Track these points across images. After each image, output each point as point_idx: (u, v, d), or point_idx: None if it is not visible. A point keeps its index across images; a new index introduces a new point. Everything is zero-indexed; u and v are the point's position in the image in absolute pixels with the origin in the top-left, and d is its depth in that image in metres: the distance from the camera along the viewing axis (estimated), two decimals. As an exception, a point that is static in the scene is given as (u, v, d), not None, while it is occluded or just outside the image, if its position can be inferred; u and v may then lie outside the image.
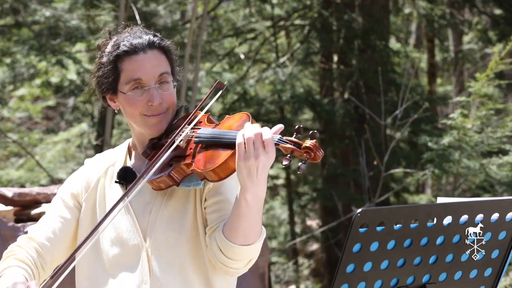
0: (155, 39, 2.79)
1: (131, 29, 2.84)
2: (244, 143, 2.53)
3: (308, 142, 2.52)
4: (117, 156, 2.90)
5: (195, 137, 2.71)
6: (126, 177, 2.81)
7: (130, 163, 2.88)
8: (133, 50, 2.75)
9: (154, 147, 2.82)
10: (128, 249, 2.77)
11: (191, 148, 2.71)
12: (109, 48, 2.79)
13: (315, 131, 2.55)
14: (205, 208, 2.77)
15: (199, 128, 2.75)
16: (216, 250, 2.66)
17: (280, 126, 2.59)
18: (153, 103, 2.74)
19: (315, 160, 2.51)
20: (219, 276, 2.80)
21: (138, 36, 2.79)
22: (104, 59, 2.78)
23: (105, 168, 2.88)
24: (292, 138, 2.56)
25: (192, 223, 2.77)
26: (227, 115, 2.79)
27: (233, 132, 2.63)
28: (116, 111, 2.88)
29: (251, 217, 2.59)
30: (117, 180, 2.81)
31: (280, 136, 2.57)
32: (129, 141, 2.93)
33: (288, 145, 2.55)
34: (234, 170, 2.59)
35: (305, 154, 2.52)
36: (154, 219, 2.76)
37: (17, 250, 2.79)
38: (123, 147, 2.93)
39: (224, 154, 2.60)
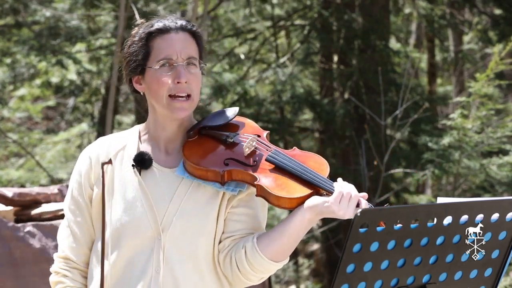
0: (188, 24, 2.85)
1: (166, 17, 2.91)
2: (341, 197, 2.67)
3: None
4: (126, 141, 2.87)
5: (269, 156, 2.76)
6: (142, 162, 2.80)
7: (141, 149, 2.85)
8: (166, 29, 2.81)
9: (200, 132, 2.83)
10: (142, 237, 2.77)
11: (255, 161, 2.75)
12: (141, 29, 2.84)
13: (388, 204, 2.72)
14: (228, 213, 2.81)
15: (267, 146, 2.80)
16: (241, 258, 2.74)
17: (365, 195, 2.72)
18: (180, 79, 2.76)
19: None
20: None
21: (172, 19, 2.85)
22: (136, 38, 2.83)
23: (114, 152, 2.85)
24: None
25: (213, 222, 2.79)
26: (295, 147, 2.87)
27: (317, 174, 2.72)
28: (141, 93, 2.86)
29: (295, 236, 2.72)
30: (134, 164, 2.80)
31: (370, 205, 2.72)
32: (138, 127, 2.91)
33: None
34: (300, 205, 2.70)
35: None
36: (174, 209, 2.77)
37: (65, 281, 2.85)
38: (132, 133, 2.90)
39: (303, 190, 2.70)
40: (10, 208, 5.36)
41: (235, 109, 2.91)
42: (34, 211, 5.38)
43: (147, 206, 2.78)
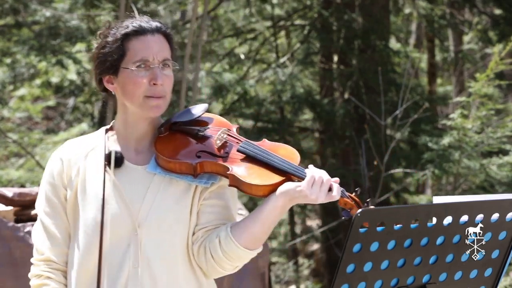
0: (162, 25, 2.90)
1: (135, 17, 2.94)
2: (313, 182, 2.73)
3: (371, 206, 2.74)
4: (95, 142, 2.92)
5: (241, 146, 2.83)
6: (115, 160, 2.84)
7: (111, 148, 2.89)
8: (143, 31, 2.84)
9: (170, 128, 2.89)
10: (118, 233, 2.81)
11: (227, 152, 2.82)
12: (115, 29, 2.86)
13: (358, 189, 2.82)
14: (201, 205, 2.86)
15: (237, 138, 2.86)
16: (215, 247, 2.78)
17: (337, 179, 2.78)
18: (156, 82, 2.81)
19: None
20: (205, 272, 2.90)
21: (146, 21, 2.89)
22: (110, 39, 2.85)
23: (84, 153, 2.90)
24: (354, 196, 2.78)
25: (187, 216, 2.84)
26: (264, 139, 2.92)
27: (288, 162, 2.78)
28: (113, 93, 2.90)
29: (268, 223, 2.77)
30: (106, 163, 2.84)
31: (342, 188, 2.77)
32: (105, 128, 2.95)
33: (349, 200, 2.77)
34: (273, 192, 2.76)
35: None
36: (149, 205, 2.82)
37: (49, 283, 2.88)
38: (100, 134, 2.94)
39: (275, 177, 2.76)
40: (10, 208, 5.36)
41: (204, 105, 2.96)
42: (34, 211, 5.38)
43: (122, 203, 2.82)
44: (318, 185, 2.72)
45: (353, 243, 2.49)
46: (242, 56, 11.44)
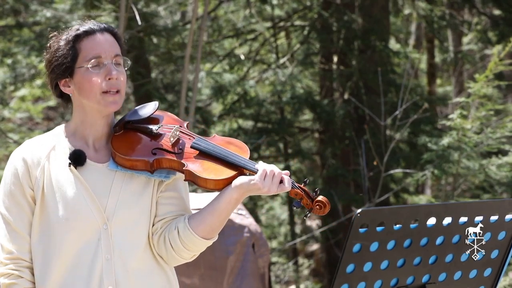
0: (109, 26, 3.04)
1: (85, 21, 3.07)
2: (265, 175, 2.87)
3: (321, 197, 2.87)
4: (54, 141, 3.00)
5: (194, 143, 2.95)
6: (78, 159, 2.94)
7: (73, 147, 2.99)
8: (92, 31, 2.98)
9: (125, 126, 3.00)
10: (88, 228, 2.91)
11: (181, 149, 2.94)
12: (66, 34, 2.99)
13: (317, 189, 2.91)
14: (158, 197, 3.00)
15: (189, 135, 2.98)
16: (174, 238, 2.94)
17: (287, 172, 2.93)
18: (111, 76, 2.93)
19: (321, 213, 2.89)
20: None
21: (93, 23, 3.02)
22: (62, 43, 2.97)
23: (46, 153, 2.98)
24: (304, 187, 2.90)
25: (149, 206, 2.98)
26: (215, 134, 3.12)
27: (239, 157, 2.92)
28: (66, 98, 3.01)
29: (224, 215, 2.93)
30: (71, 162, 2.93)
31: (293, 180, 2.91)
32: (61, 128, 3.04)
33: (299, 191, 2.89)
34: (227, 185, 2.90)
35: (317, 207, 2.87)
36: (115, 199, 2.94)
37: (19, 283, 2.95)
38: (57, 133, 3.03)
39: (228, 172, 2.90)
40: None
41: (155, 103, 3.08)
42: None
43: (89, 199, 2.93)
44: (270, 177, 2.86)
45: (353, 243, 2.51)
46: (242, 57, 11.44)
